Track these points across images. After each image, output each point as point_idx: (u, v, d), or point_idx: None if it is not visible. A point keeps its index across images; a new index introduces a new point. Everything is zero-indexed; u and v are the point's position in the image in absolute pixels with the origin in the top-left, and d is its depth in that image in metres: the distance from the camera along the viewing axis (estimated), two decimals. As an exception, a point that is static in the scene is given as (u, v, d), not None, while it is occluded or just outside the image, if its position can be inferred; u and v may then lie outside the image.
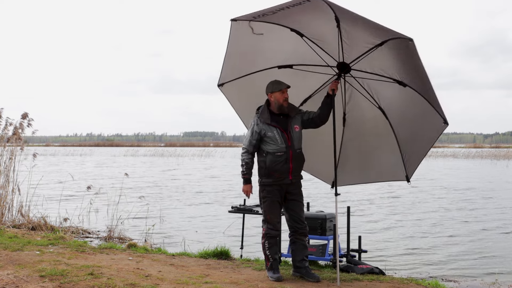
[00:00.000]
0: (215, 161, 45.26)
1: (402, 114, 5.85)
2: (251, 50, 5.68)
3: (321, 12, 5.08)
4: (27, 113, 9.85)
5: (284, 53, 5.70)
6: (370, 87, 5.79)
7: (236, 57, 5.67)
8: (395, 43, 5.18)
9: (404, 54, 5.30)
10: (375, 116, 5.88)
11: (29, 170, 10.00)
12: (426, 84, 5.31)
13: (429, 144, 5.83)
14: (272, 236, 5.54)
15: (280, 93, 5.49)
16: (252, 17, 5.18)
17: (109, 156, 54.43)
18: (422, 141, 5.85)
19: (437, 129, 5.61)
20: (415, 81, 5.47)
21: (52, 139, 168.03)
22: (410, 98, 5.60)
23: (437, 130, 5.62)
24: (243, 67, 5.76)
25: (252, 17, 5.18)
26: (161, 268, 6.07)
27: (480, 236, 10.30)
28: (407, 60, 5.36)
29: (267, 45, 5.63)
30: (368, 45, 5.29)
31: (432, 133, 5.71)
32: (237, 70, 5.74)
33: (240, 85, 5.85)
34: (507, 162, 43.86)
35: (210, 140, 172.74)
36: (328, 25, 5.19)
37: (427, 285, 5.72)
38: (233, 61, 5.69)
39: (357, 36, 5.27)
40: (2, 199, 9.36)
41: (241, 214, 7.68)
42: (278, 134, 5.45)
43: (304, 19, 5.27)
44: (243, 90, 5.91)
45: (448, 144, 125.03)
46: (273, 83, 5.55)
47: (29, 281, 5.27)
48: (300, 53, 5.63)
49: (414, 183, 21.26)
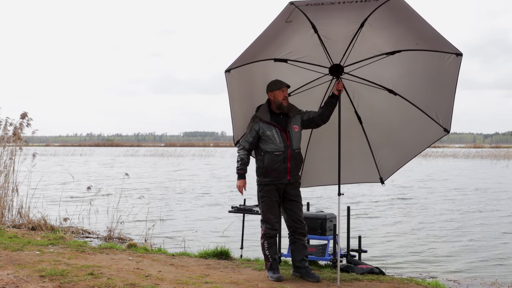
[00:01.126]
0: (220, 161, 45.19)
1: (382, 120, 5.99)
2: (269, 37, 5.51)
3: (357, 12, 5.10)
4: (26, 112, 9.85)
5: (288, 45, 5.63)
6: (354, 91, 5.90)
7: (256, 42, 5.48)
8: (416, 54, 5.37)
9: (422, 65, 5.49)
10: (349, 118, 5.98)
11: (29, 170, 10.00)
12: (436, 94, 5.52)
13: (417, 149, 6.05)
14: (270, 236, 5.54)
15: (280, 92, 5.50)
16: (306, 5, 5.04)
17: (113, 156, 54.33)
18: (404, 147, 6.04)
19: (430, 137, 5.83)
20: (416, 90, 5.69)
21: (52, 139, 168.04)
22: (397, 106, 5.81)
23: (430, 138, 5.84)
24: (250, 54, 5.62)
25: (306, 4, 5.03)
26: (161, 268, 6.07)
27: (481, 236, 10.30)
28: (422, 71, 5.56)
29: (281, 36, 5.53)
30: (374, 52, 5.43)
31: (422, 140, 5.92)
32: (245, 57, 5.61)
33: (241, 73, 5.74)
34: (507, 162, 43.85)
35: (210, 140, 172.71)
36: (349, 26, 5.27)
37: (427, 285, 5.72)
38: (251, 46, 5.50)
39: (370, 41, 5.38)
40: (2, 199, 9.36)
41: (241, 214, 7.69)
42: (277, 133, 5.45)
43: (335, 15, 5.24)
44: (241, 79, 5.80)
45: (448, 144, 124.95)
46: (273, 82, 5.55)
47: (29, 281, 5.27)
48: (302, 49, 5.61)
49: (427, 184, 21.29)
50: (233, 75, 5.66)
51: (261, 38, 5.39)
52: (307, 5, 5.04)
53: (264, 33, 5.36)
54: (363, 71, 5.65)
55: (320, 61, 5.65)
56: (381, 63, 5.53)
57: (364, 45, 5.41)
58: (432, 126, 5.68)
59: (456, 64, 5.21)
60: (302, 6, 5.06)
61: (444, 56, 5.21)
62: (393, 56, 5.44)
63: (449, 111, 5.52)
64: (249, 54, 5.56)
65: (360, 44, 5.40)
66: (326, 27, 5.34)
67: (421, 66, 5.53)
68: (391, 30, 5.31)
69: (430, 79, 5.53)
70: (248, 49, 5.47)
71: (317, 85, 5.90)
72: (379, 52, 5.45)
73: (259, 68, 5.75)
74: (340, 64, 5.62)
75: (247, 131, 5.54)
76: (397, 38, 5.34)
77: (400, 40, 5.34)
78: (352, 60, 5.58)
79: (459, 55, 5.14)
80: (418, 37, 5.25)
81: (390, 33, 5.33)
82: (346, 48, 5.46)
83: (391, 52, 5.40)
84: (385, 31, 5.32)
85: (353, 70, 5.68)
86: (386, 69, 5.62)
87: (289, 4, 5.03)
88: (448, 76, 5.33)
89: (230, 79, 5.67)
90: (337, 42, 5.45)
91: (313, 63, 5.68)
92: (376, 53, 5.46)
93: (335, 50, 5.52)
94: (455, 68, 5.23)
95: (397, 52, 5.39)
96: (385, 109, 5.92)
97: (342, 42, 5.44)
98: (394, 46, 5.37)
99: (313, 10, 5.13)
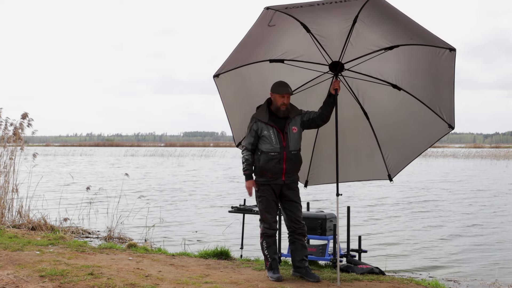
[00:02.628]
0: (233, 161, 45.14)
1: (389, 116, 5.95)
2: (255, 41, 5.54)
3: (344, 11, 5.08)
4: (27, 113, 9.86)
5: (281, 46, 5.60)
6: (358, 87, 5.87)
7: (241, 47, 5.52)
8: (413, 49, 5.34)
9: (420, 60, 5.46)
10: (355, 114, 5.96)
11: (29, 171, 10.00)
12: (437, 90, 5.49)
13: (424, 145, 5.99)
14: (269, 235, 5.54)
15: (280, 96, 5.45)
16: (285, 8, 5.05)
17: (117, 156, 54.32)
18: (412, 143, 5.99)
19: (436, 132, 5.76)
20: (418, 86, 5.64)
21: (52, 139, 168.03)
22: (402, 102, 5.77)
23: (436, 134, 5.77)
24: (239, 58, 5.63)
25: (285, 8, 5.05)
26: (161, 268, 6.07)
27: (480, 236, 10.30)
28: (421, 67, 5.53)
29: (270, 38, 5.52)
30: (372, 48, 5.39)
31: (428, 136, 5.85)
32: (233, 61, 5.62)
33: (232, 77, 5.74)
34: (507, 162, 43.83)
35: (210, 140, 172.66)
36: (341, 24, 5.24)
37: (427, 285, 5.72)
38: (235, 52, 5.55)
39: (366, 37, 5.34)
40: (2, 199, 9.36)
41: (241, 214, 7.69)
42: (274, 133, 5.42)
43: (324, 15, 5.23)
44: (234, 82, 5.81)
45: (448, 144, 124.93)
46: (277, 84, 5.49)
47: (29, 281, 5.27)
48: (297, 48, 5.58)
49: (443, 186, 21.29)
50: (224, 79, 5.66)
51: (244, 43, 5.36)
52: (287, 8, 5.01)
53: (246, 39, 5.33)
54: (365, 67, 5.60)
55: (318, 59, 5.61)
56: (381, 59, 5.48)
57: (361, 41, 5.36)
58: (438, 121, 5.61)
59: (451, 59, 5.18)
60: (283, 9, 5.03)
61: (439, 51, 5.18)
62: (392, 52, 5.38)
63: (451, 107, 5.48)
64: (237, 58, 5.54)
65: (356, 40, 5.35)
66: (318, 26, 5.30)
67: (419, 62, 5.48)
68: (384, 26, 5.26)
69: (429, 75, 5.48)
70: (233, 54, 5.47)
71: (318, 83, 5.87)
72: (377, 47, 5.38)
73: (254, 70, 5.72)
74: (340, 61, 5.58)
75: (247, 131, 5.54)
76: (392, 33, 5.29)
77: (395, 35, 5.29)
78: (351, 57, 5.53)
79: (453, 50, 5.11)
80: (410, 32, 5.21)
81: (383, 28, 5.27)
82: (343, 45, 5.41)
83: (389, 47, 5.34)
84: (379, 27, 5.27)
85: (354, 66, 5.63)
86: (387, 64, 5.57)
87: (265, 9, 4.99)
88: (445, 71, 5.29)
89: (220, 84, 5.68)
90: (333, 40, 5.41)
91: (311, 61, 5.65)
92: (374, 48, 5.40)
93: (332, 47, 5.48)
94: (451, 63, 5.19)
95: (395, 47, 5.33)
96: (390, 105, 5.86)
97: (337, 40, 5.39)
98: (390, 41, 5.32)
99: (296, 12, 5.09)
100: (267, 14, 5.05)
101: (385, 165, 6.10)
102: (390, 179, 6.13)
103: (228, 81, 5.69)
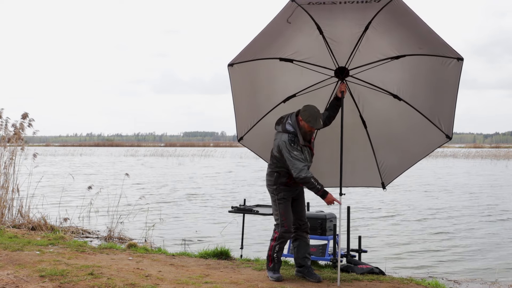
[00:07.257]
0: (249, 161, 45.17)
1: (387, 125, 6.00)
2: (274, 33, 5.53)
3: (360, 14, 5.12)
4: (27, 113, 9.86)
5: (293, 44, 5.64)
6: (359, 94, 5.91)
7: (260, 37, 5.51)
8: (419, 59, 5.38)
9: (425, 70, 5.50)
10: (353, 120, 5.99)
11: (29, 171, 10.00)
12: (438, 100, 5.54)
13: (420, 155, 6.08)
14: (285, 240, 5.59)
15: (309, 126, 5.37)
16: (308, 3, 5.08)
17: (120, 157, 54.31)
18: (407, 152, 6.05)
19: (433, 143, 5.87)
20: (419, 96, 5.72)
21: (52, 139, 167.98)
22: (402, 112, 5.82)
23: (433, 144, 5.89)
24: (255, 50, 5.64)
25: (308, 3, 5.07)
26: (161, 268, 6.07)
27: (481, 236, 10.31)
28: (425, 76, 5.57)
29: (287, 33, 5.52)
30: (379, 56, 5.46)
31: (424, 146, 5.96)
32: (249, 52, 5.64)
33: (244, 69, 5.78)
34: (507, 162, 43.84)
35: (210, 140, 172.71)
36: (353, 29, 5.29)
37: (427, 285, 5.73)
38: (254, 41, 5.55)
39: (375, 45, 5.39)
40: (2, 199, 9.36)
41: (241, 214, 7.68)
42: (308, 153, 5.48)
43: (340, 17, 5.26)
44: (245, 74, 5.85)
45: (448, 144, 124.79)
46: (310, 114, 5.33)
47: (29, 281, 5.27)
48: (307, 49, 5.61)
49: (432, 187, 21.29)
50: (236, 70, 5.72)
51: (263, 34, 5.42)
52: (309, 4, 5.06)
53: (266, 30, 5.38)
54: (368, 75, 5.66)
55: (325, 63, 5.66)
56: (385, 68, 5.55)
57: (369, 48, 5.43)
58: (435, 132, 5.72)
59: (457, 69, 5.24)
60: (305, 5, 5.08)
61: (446, 61, 5.24)
62: (398, 61, 5.46)
63: (451, 118, 5.57)
64: (253, 50, 5.59)
65: (365, 47, 5.42)
66: (331, 28, 5.35)
67: (424, 71, 5.54)
68: (395, 33, 5.32)
69: (433, 85, 5.55)
70: (251, 44, 5.50)
71: (322, 87, 5.89)
72: (384, 56, 5.46)
73: (264, 66, 5.76)
74: (346, 67, 5.64)
75: (295, 152, 5.33)
76: (401, 42, 5.36)
77: (404, 44, 5.36)
78: (357, 63, 5.60)
79: (460, 60, 5.16)
80: (421, 40, 5.26)
81: (394, 36, 5.34)
82: (351, 51, 5.48)
83: (396, 56, 5.42)
84: (389, 34, 5.34)
85: (358, 73, 5.69)
86: (391, 73, 5.64)
87: (290, 2, 5.05)
88: (450, 82, 5.36)
89: (233, 73, 5.73)
90: (342, 44, 5.47)
91: (318, 64, 5.69)
92: (381, 57, 5.48)
93: (340, 52, 5.54)
94: (457, 74, 5.26)
95: (401, 57, 5.41)
96: (389, 114, 5.93)
97: (347, 45, 5.46)
98: (398, 50, 5.40)
99: (316, 10, 5.14)
100: (291, 7, 5.11)
101: (379, 173, 6.18)
102: (383, 187, 6.21)
103: (240, 73, 5.75)
